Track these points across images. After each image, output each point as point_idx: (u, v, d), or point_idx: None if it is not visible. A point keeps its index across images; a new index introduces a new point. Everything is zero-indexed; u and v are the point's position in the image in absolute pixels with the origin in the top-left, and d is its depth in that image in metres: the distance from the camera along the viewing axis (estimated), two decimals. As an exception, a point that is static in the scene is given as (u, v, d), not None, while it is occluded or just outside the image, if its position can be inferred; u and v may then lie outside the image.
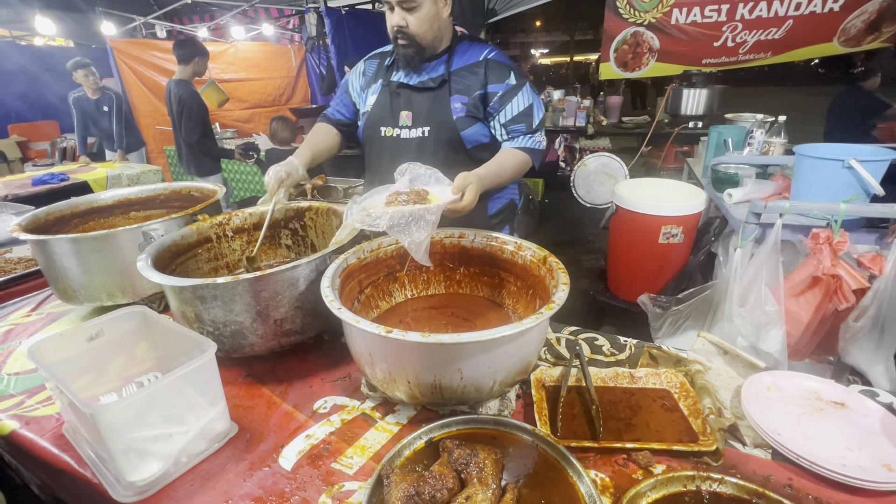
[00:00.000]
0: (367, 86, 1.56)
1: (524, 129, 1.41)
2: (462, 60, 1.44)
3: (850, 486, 0.72)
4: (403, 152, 1.46)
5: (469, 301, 1.21)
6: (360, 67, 1.60)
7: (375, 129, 1.51)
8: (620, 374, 0.97)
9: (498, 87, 1.40)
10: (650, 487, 0.71)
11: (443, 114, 1.43)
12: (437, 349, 0.75)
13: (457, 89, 1.42)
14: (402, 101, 1.47)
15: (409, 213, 0.92)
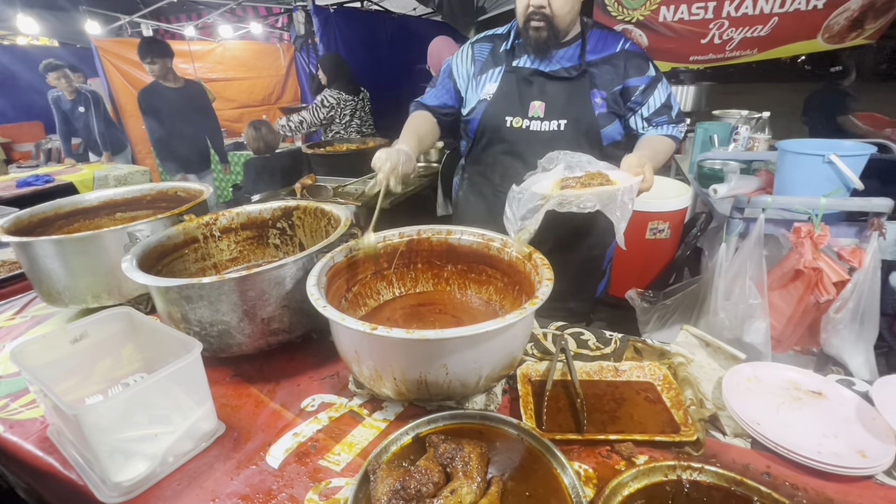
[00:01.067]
0: (481, 71, 1.43)
1: (667, 120, 1.36)
2: (598, 50, 1.35)
3: (825, 473, 0.74)
4: (533, 145, 1.37)
5: (457, 298, 1.22)
6: (466, 51, 1.47)
7: (499, 119, 1.39)
8: (605, 368, 0.99)
9: (639, 80, 1.34)
10: (632, 478, 0.73)
11: (583, 108, 1.34)
12: (422, 345, 0.76)
13: (596, 83, 1.34)
14: (534, 89, 1.35)
15: (613, 193, 0.94)
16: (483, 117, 1.40)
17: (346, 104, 3.37)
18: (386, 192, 1.12)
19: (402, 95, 5.03)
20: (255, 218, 1.43)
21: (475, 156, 1.52)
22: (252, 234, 1.44)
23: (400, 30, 5.18)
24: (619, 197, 0.94)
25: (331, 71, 3.42)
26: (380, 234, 1.13)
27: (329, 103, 3.32)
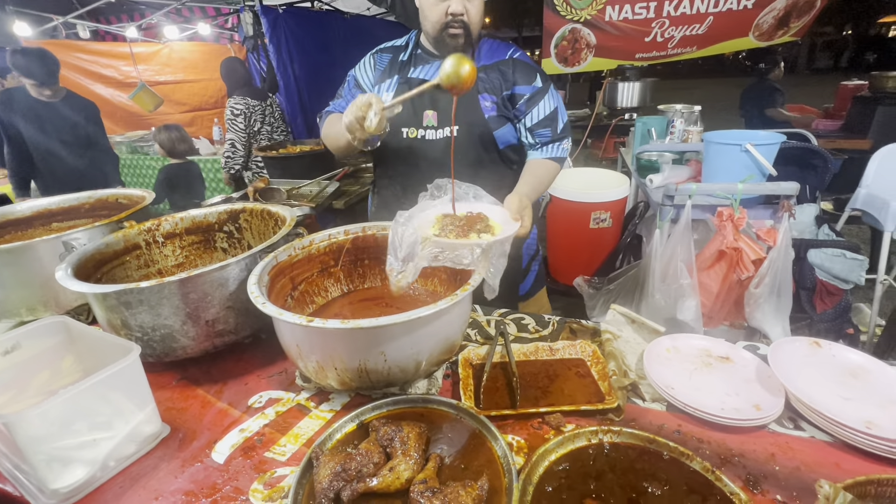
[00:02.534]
0: (378, 81, 1.44)
1: (550, 134, 1.39)
2: (487, 58, 1.39)
3: (726, 426, 0.83)
4: (429, 154, 1.39)
5: (404, 293, 1.26)
6: (368, 61, 1.47)
7: (396, 130, 1.39)
8: (541, 348, 1.06)
9: (525, 88, 1.37)
10: (558, 444, 0.79)
11: (473, 113, 1.36)
12: (358, 334, 0.80)
13: (485, 87, 1.37)
14: (426, 99, 1.36)
15: (489, 247, 0.94)
16: None
17: (254, 110, 3.29)
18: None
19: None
20: (201, 222, 1.42)
21: (382, 168, 1.55)
22: (198, 238, 1.43)
23: (354, 30, 5.15)
24: (494, 251, 0.96)
25: (229, 79, 3.35)
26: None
27: (239, 110, 3.23)
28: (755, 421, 0.82)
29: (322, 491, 0.70)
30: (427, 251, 0.95)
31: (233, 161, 3.30)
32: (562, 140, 1.40)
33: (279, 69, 4.13)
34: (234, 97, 3.27)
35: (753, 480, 0.74)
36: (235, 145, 3.27)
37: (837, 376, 0.91)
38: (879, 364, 0.93)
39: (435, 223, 1.03)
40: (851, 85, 5.50)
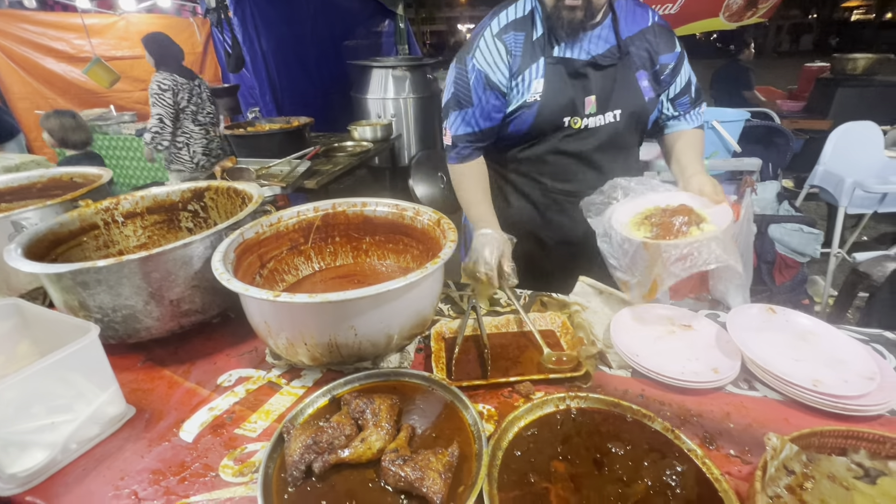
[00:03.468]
0: (522, 68, 1.17)
1: (688, 101, 1.26)
2: (630, 25, 1.18)
3: (686, 389, 0.87)
4: (589, 141, 1.22)
5: (376, 269, 1.25)
6: (493, 48, 1.17)
7: (557, 121, 1.19)
8: (512, 321, 1.07)
9: (669, 57, 1.21)
10: (527, 411, 0.81)
11: (634, 95, 1.19)
12: (327, 308, 0.79)
13: (640, 63, 1.19)
14: (588, 83, 1.16)
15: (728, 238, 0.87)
16: (536, 121, 1.19)
17: (181, 87, 3.13)
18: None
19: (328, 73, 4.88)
20: (163, 201, 1.36)
21: (516, 155, 1.32)
22: (161, 217, 1.38)
23: (324, 5, 4.97)
24: (727, 240, 0.87)
25: (156, 53, 3.15)
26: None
27: (167, 86, 3.07)
28: (712, 383, 0.86)
29: (293, 463, 0.70)
30: (673, 262, 0.87)
31: (161, 137, 3.13)
32: (700, 105, 1.28)
33: (245, 44, 3.96)
34: (161, 72, 3.09)
35: (710, 438, 0.79)
36: (164, 121, 3.10)
37: (789, 340, 0.96)
38: (828, 328, 0.98)
39: (634, 224, 0.97)
40: (814, 67, 5.67)
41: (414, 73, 4.67)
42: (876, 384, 0.81)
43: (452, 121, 1.26)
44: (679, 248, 0.87)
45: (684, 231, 0.91)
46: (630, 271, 0.96)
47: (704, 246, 0.85)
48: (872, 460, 0.70)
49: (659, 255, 0.89)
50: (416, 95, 4.70)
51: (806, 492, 0.66)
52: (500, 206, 1.39)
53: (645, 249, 0.91)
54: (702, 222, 0.93)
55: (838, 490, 0.67)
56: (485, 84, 1.18)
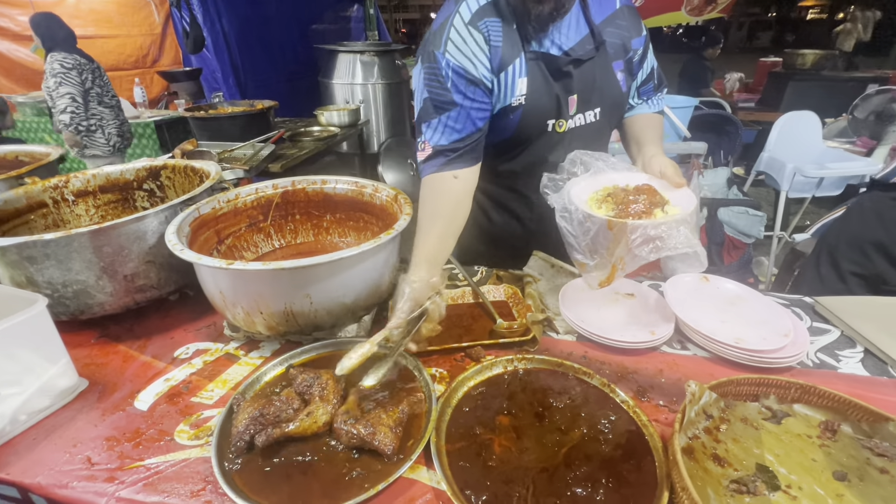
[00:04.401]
0: (505, 61, 1.00)
1: (652, 88, 1.20)
2: (599, 11, 1.06)
3: (625, 350, 0.94)
4: (572, 144, 1.10)
5: (338, 246, 1.27)
6: (470, 39, 0.97)
7: (540, 126, 1.08)
8: (468, 293, 1.12)
9: (638, 41, 1.11)
10: (476, 372, 0.86)
11: (613, 88, 1.09)
12: (282, 276, 0.81)
13: (612, 53, 1.08)
14: (570, 82, 1.04)
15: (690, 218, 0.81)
16: (520, 126, 1.07)
17: (84, 67, 2.99)
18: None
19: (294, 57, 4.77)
20: (117, 179, 1.33)
21: (496, 166, 1.18)
22: (115, 197, 1.35)
23: (290, -15, 4.84)
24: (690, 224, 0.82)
25: (46, 35, 2.99)
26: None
27: (71, 64, 2.91)
28: (648, 343, 0.93)
29: (238, 434, 0.71)
30: (639, 245, 0.80)
31: (79, 118, 2.97)
32: (662, 90, 1.23)
33: (206, 24, 3.82)
34: (59, 52, 2.93)
35: (642, 390, 0.85)
36: (76, 99, 2.93)
37: (719, 304, 1.05)
38: (754, 293, 1.07)
39: (593, 202, 0.89)
40: (769, 62, 5.94)
41: (382, 58, 4.62)
42: (789, 340, 0.90)
43: (433, 130, 1.01)
44: (646, 229, 0.80)
45: (649, 212, 0.85)
46: (589, 253, 0.89)
47: (673, 229, 0.80)
48: (780, 404, 0.78)
49: (624, 234, 0.83)
50: (385, 81, 4.67)
51: (721, 432, 0.74)
52: (477, 221, 1.30)
53: (609, 228, 0.85)
54: (665, 204, 0.87)
55: (749, 430, 0.75)
56: (466, 80, 0.98)
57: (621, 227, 0.83)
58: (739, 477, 0.67)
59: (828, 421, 0.75)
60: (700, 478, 0.67)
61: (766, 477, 0.67)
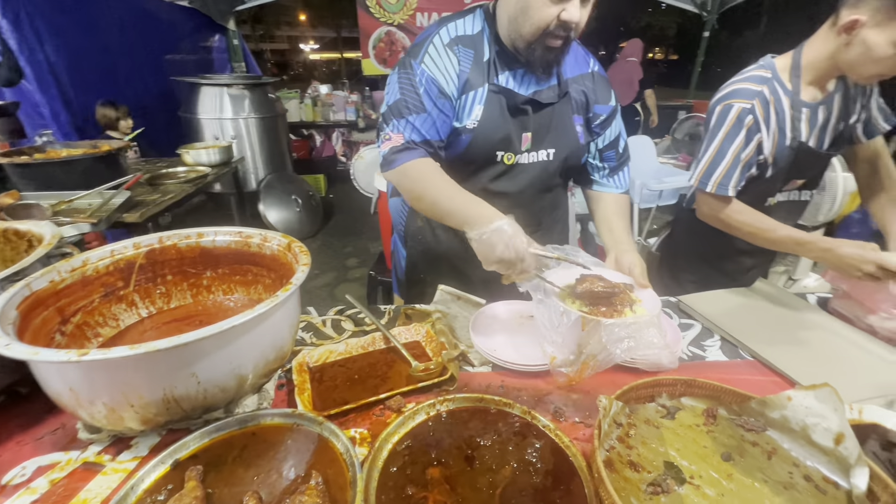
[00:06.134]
0: (468, 87, 1.09)
1: (615, 157, 1.26)
2: (573, 67, 1.17)
3: (538, 373, 0.98)
4: (520, 178, 1.18)
5: (223, 305, 1.12)
6: (445, 56, 1.07)
7: (489, 154, 1.13)
8: (378, 338, 1.07)
9: (603, 108, 1.21)
10: (399, 425, 0.82)
11: (570, 136, 1.17)
12: (157, 359, 0.68)
13: (574, 107, 1.17)
14: (528, 119, 1.12)
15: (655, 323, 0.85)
16: (469, 150, 1.13)
17: None
18: None
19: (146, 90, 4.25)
20: None
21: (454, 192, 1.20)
22: None
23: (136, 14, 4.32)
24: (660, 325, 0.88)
25: None
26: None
27: None
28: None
29: None
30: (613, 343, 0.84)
31: None
32: (626, 164, 1.30)
33: (22, 52, 3.20)
34: None
35: (559, 411, 0.89)
36: None
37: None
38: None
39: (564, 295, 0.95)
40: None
41: (253, 91, 4.37)
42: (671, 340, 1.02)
43: (402, 127, 1.07)
44: (620, 329, 0.85)
45: (619, 310, 0.91)
46: (561, 347, 0.91)
47: (644, 330, 0.85)
48: (671, 400, 0.88)
49: (597, 332, 0.86)
50: (259, 115, 4.40)
51: (631, 438, 0.80)
52: (424, 237, 1.36)
53: (582, 328, 0.89)
54: (634, 304, 0.94)
55: (652, 430, 0.82)
56: (438, 92, 1.07)
57: (595, 324, 0.87)
58: (653, 479, 0.72)
59: (708, 408, 0.86)
60: (623, 488, 0.71)
61: (674, 473, 0.74)
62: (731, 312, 1.22)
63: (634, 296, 0.97)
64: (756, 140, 1.28)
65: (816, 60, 1.23)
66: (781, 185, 1.35)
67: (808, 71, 1.25)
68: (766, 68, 1.30)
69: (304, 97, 6.27)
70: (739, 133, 1.28)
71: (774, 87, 1.27)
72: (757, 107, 1.26)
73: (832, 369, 1.00)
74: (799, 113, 1.26)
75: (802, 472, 0.74)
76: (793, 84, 1.26)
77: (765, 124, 1.27)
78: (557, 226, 1.41)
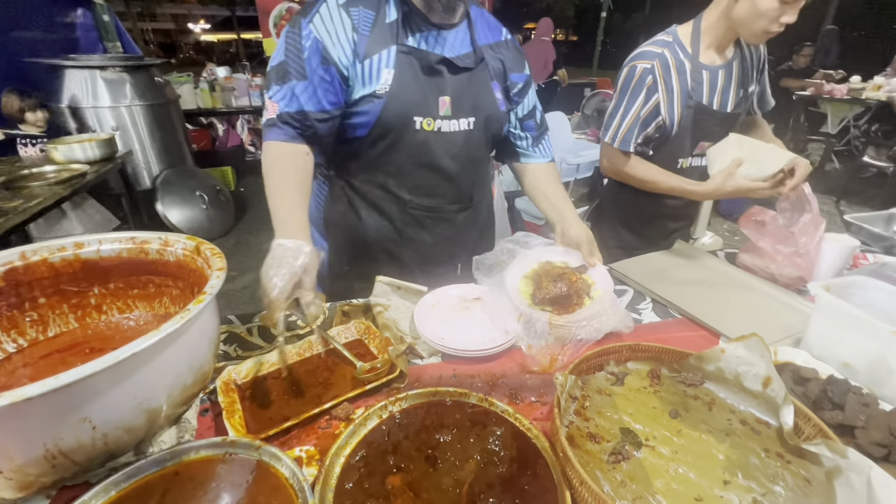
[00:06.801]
0: (370, 51, 1.01)
1: (535, 125, 1.27)
2: (486, 34, 1.15)
3: (489, 356, 0.95)
4: (444, 148, 1.13)
5: (119, 326, 0.95)
6: (339, 19, 0.99)
7: (406, 119, 1.06)
8: (314, 342, 0.97)
9: (519, 76, 1.21)
10: (350, 435, 0.74)
11: (490, 103, 1.15)
12: (29, 408, 0.53)
13: (494, 74, 1.16)
14: (442, 81, 1.07)
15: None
16: (383, 117, 1.05)
17: None
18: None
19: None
20: None
21: (366, 161, 1.15)
22: None
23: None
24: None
25: None
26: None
27: None
28: (506, 344, 0.97)
29: None
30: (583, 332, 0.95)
31: None
32: (546, 133, 1.31)
33: None
34: None
35: (514, 393, 0.88)
36: None
37: (550, 290, 1.16)
38: (571, 273, 1.23)
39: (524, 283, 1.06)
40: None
41: (134, 75, 3.81)
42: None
43: (281, 94, 1.01)
44: (582, 325, 0.96)
45: (579, 301, 1.01)
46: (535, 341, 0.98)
47: (605, 317, 0.97)
48: (618, 366, 0.90)
49: (566, 330, 0.96)
50: (145, 102, 3.86)
51: (587, 410, 0.81)
52: (349, 222, 1.25)
53: (549, 327, 0.96)
54: (590, 289, 1.05)
55: (605, 399, 0.83)
56: (322, 56, 0.99)
57: (561, 326, 0.96)
58: (613, 447, 0.73)
59: (652, 369, 0.89)
60: (586, 462, 0.71)
61: (630, 438, 0.75)
62: (657, 275, 1.29)
63: (588, 278, 1.06)
64: (654, 100, 1.36)
65: (713, 22, 1.33)
66: (691, 147, 1.44)
67: (707, 34, 1.34)
68: (668, 33, 1.38)
69: (198, 81, 5.62)
70: (641, 92, 1.36)
71: (675, 49, 1.35)
72: (657, 67, 1.34)
73: (747, 317, 1.10)
74: (699, 75, 1.35)
75: (738, 417, 0.80)
76: (693, 47, 1.35)
77: (664, 84, 1.35)
78: (485, 201, 1.39)
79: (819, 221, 1.19)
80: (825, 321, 0.95)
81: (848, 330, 0.90)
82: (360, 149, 1.12)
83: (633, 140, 1.40)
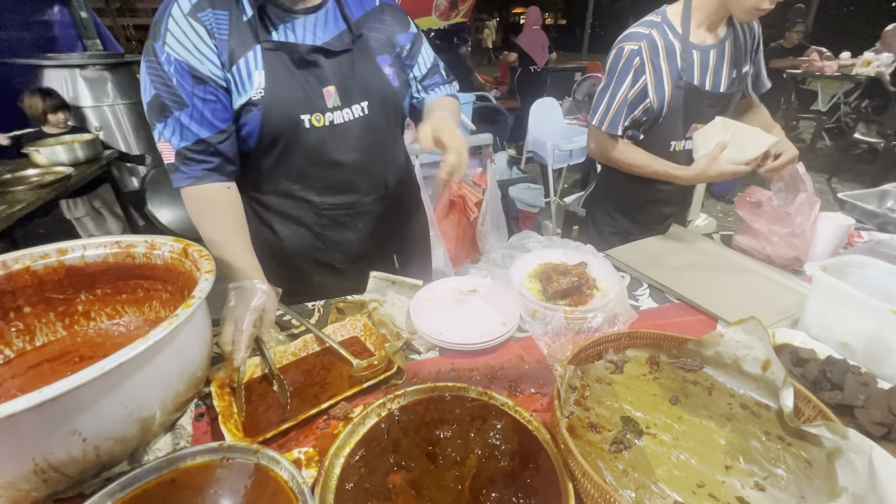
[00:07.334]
0: (235, 55, 0.92)
1: (441, 81, 1.21)
2: (357, 7, 1.07)
3: (486, 349, 0.94)
4: (342, 140, 1.05)
5: (109, 332, 0.93)
6: (194, 28, 0.88)
7: (292, 120, 0.98)
8: (309, 341, 0.96)
9: (404, 37, 1.13)
10: (349, 435, 0.73)
11: (380, 82, 1.08)
12: (14, 423, 0.52)
13: (378, 47, 1.07)
14: (323, 71, 0.99)
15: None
16: (266, 124, 0.97)
17: None
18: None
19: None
20: None
21: (264, 172, 1.08)
22: None
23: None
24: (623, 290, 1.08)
25: None
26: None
27: None
28: (504, 335, 0.96)
29: None
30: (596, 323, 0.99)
31: None
32: (452, 83, 1.24)
33: None
34: None
35: (514, 385, 0.87)
36: None
37: (546, 279, 1.15)
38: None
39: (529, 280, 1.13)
40: (509, 60, 7.11)
41: (116, 73, 3.73)
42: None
43: (169, 130, 0.92)
44: (597, 315, 1.00)
45: (588, 294, 1.07)
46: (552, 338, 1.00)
47: (614, 306, 1.02)
48: (617, 354, 0.90)
49: (582, 322, 1.00)
50: (130, 101, 3.79)
51: (587, 399, 0.80)
52: (264, 240, 1.17)
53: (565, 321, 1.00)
54: (596, 282, 1.11)
55: (605, 388, 0.83)
56: (193, 78, 0.90)
57: (576, 318, 1.00)
58: (614, 436, 0.73)
59: (651, 356, 0.89)
60: (588, 453, 0.70)
61: (631, 426, 0.75)
62: (653, 260, 1.28)
63: (591, 274, 1.11)
64: (642, 82, 1.34)
65: (704, 0, 1.30)
66: (684, 129, 1.42)
67: (698, 12, 1.32)
68: (657, 13, 1.35)
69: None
70: (629, 74, 1.34)
71: (664, 29, 1.33)
72: (644, 48, 1.31)
73: (744, 300, 1.10)
74: (689, 55, 1.33)
75: (738, 401, 0.80)
76: (683, 27, 1.32)
77: (651, 66, 1.33)
78: (406, 181, 1.29)
79: (814, 201, 1.18)
80: (822, 301, 0.95)
81: (845, 309, 0.90)
82: (255, 160, 1.05)
83: (621, 123, 1.38)
